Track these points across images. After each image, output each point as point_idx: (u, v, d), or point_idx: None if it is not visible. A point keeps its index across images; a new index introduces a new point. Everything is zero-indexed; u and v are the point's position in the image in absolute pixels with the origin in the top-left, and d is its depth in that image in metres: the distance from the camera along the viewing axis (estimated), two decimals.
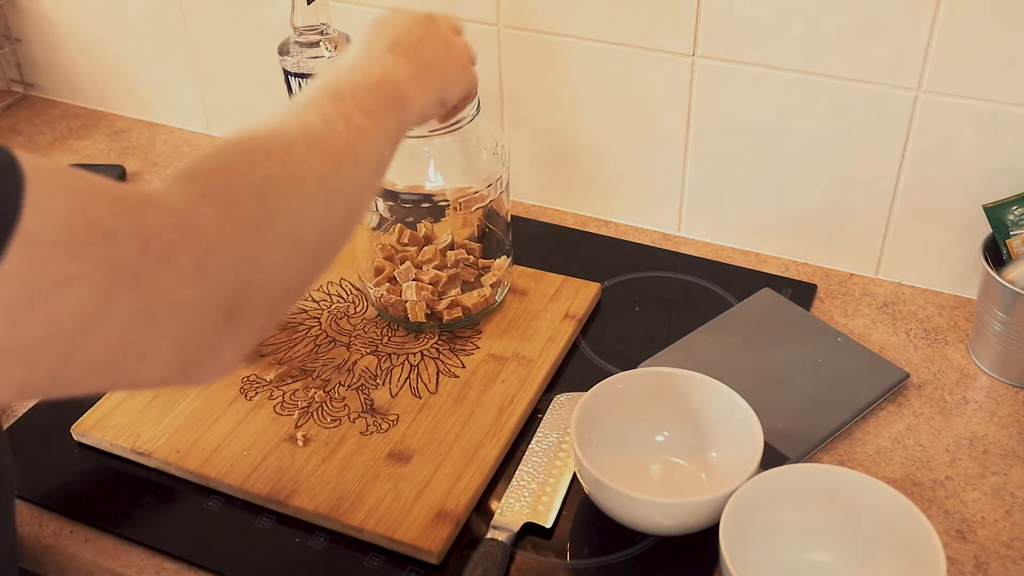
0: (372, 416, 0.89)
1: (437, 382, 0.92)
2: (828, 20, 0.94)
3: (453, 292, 0.97)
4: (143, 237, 0.48)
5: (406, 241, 0.99)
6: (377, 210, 0.95)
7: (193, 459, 0.85)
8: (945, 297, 1.04)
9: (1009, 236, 0.93)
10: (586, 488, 0.79)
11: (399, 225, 0.98)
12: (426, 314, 0.96)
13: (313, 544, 0.80)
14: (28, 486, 0.85)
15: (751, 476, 0.75)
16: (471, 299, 0.97)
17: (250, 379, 0.93)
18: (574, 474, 0.83)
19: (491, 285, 0.98)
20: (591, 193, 1.17)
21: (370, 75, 0.68)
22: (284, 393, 0.91)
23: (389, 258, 0.99)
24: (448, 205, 0.93)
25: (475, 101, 0.91)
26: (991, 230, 0.94)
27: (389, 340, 0.97)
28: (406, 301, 0.96)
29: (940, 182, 0.99)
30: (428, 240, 0.99)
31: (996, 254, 0.93)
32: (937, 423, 0.90)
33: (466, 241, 1.00)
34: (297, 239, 0.57)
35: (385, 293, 0.97)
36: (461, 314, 0.97)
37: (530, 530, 0.80)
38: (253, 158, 0.57)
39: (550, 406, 0.91)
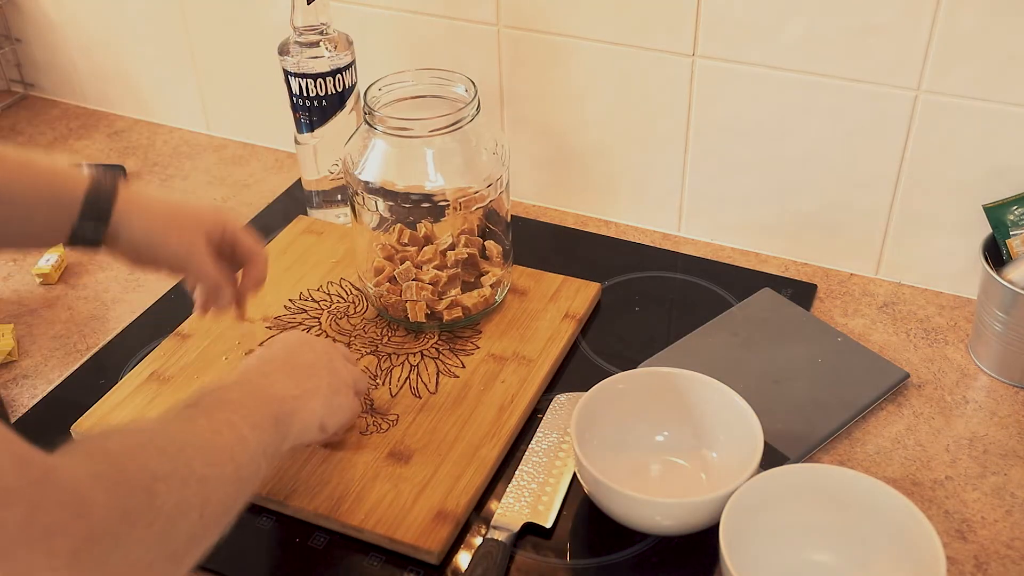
0: (372, 416, 0.89)
1: (437, 382, 0.92)
2: (828, 20, 0.95)
3: (453, 292, 0.97)
4: (32, 508, 0.47)
5: (406, 241, 0.98)
6: (377, 210, 0.95)
7: None
8: (945, 297, 1.04)
9: (1009, 236, 0.93)
10: (586, 488, 0.79)
11: (399, 225, 0.98)
12: (426, 314, 0.96)
13: (313, 544, 0.80)
14: None
15: (751, 476, 0.75)
16: (471, 299, 0.97)
17: None
18: (574, 474, 0.83)
19: (491, 285, 0.98)
20: (591, 193, 1.17)
21: (258, 390, 0.72)
22: None
23: (389, 258, 0.99)
24: (448, 205, 0.93)
25: (475, 101, 0.91)
26: (991, 230, 0.94)
27: (389, 340, 0.97)
28: (406, 301, 0.96)
29: (940, 182, 0.99)
30: (428, 240, 0.99)
31: (996, 254, 0.93)
32: (937, 423, 0.90)
33: (471, 238, 1.00)
34: (168, 543, 0.56)
35: (385, 293, 0.97)
36: (461, 314, 0.97)
37: (530, 530, 0.80)
38: (148, 450, 0.58)
39: (550, 406, 0.91)
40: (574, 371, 0.96)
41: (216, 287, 0.83)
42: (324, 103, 1.05)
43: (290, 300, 1.02)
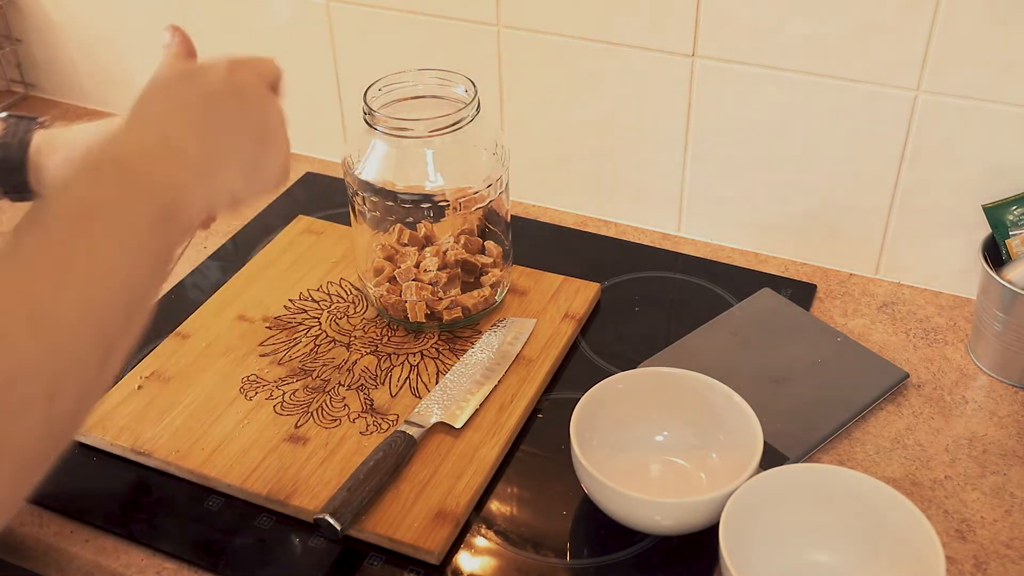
0: (372, 416, 0.89)
1: (437, 382, 0.92)
2: (828, 20, 0.95)
3: (453, 292, 0.97)
4: None
5: (406, 241, 0.98)
6: (377, 210, 0.95)
7: (193, 459, 0.85)
8: (945, 297, 1.04)
9: (1008, 236, 0.93)
10: (586, 488, 0.79)
11: (399, 225, 0.98)
12: (426, 314, 0.96)
13: (313, 544, 0.80)
14: None
15: (751, 476, 0.75)
16: (471, 299, 0.97)
17: (250, 379, 0.93)
18: (494, 387, 0.90)
19: (491, 285, 0.98)
20: (591, 193, 1.17)
21: (145, 172, 0.51)
22: (284, 393, 0.91)
23: (389, 258, 0.99)
24: (448, 205, 0.93)
25: (475, 101, 0.91)
26: (991, 230, 0.94)
27: (389, 340, 0.97)
28: (406, 301, 0.96)
29: (940, 182, 0.99)
30: (428, 240, 0.99)
31: (996, 254, 0.93)
32: (937, 423, 0.90)
33: (471, 238, 1.00)
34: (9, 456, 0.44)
35: (385, 293, 0.97)
36: (461, 314, 0.97)
37: (441, 429, 0.80)
38: None
39: (492, 326, 0.97)
40: (574, 371, 0.96)
41: None
42: None
43: (290, 300, 1.02)
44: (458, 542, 0.80)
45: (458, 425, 0.86)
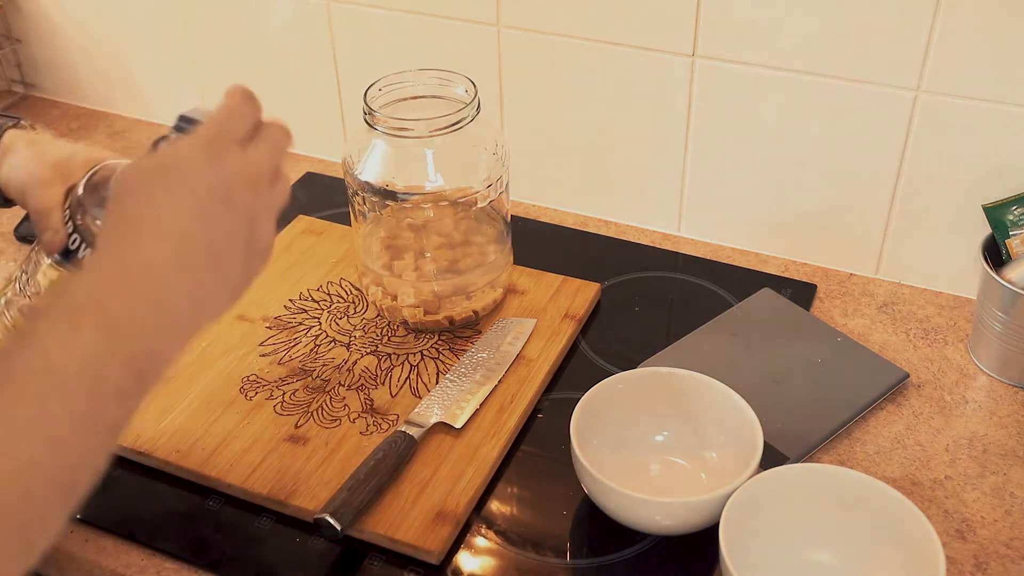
0: (372, 416, 0.89)
1: (437, 382, 0.92)
2: (828, 20, 0.95)
3: (457, 298, 0.96)
4: None
5: (406, 241, 0.98)
6: (377, 210, 0.95)
7: (193, 459, 0.85)
8: (945, 297, 1.04)
9: (1009, 236, 0.93)
10: (586, 488, 0.80)
11: (399, 224, 0.98)
12: (424, 314, 0.96)
13: (313, 544, 0.80)
14: None
15: (751, 476, 0.75)
16: (481, 301, 0.97)
17: (250, 379, 0.93)
18: (493, 387, 0.90)
19: (495, 286, 0.98)
20: (591, 193, 1.17)
21: (113, 356, 0.47)
22: (284, 393, 0.91)
23: (389, 258, 0.98)
24: (448, 205, 0.93)
25: (475, 101, 0.91)
26: (991, 230, 0.94)
27: (389, 340, 0.97)
28: (403, 307, 0.95)
29: (940, 182, 0.99)
30: (428, 240, 0.99)
31: (996, 254, 0.93)
32: (937, 423, 0.90)
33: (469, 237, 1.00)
34: None
35: (384, 294, 0.97)
36: (472, 314, 0.97)
37: (441, 429, 0.80)
38: None
39: (492, 326, 0.97)
40: (574, 371, 0.96)
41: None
42: None
43: (290, 300, 1.02)
44: (458, 542, 0.80)
45: (458, 425, 0.86)
